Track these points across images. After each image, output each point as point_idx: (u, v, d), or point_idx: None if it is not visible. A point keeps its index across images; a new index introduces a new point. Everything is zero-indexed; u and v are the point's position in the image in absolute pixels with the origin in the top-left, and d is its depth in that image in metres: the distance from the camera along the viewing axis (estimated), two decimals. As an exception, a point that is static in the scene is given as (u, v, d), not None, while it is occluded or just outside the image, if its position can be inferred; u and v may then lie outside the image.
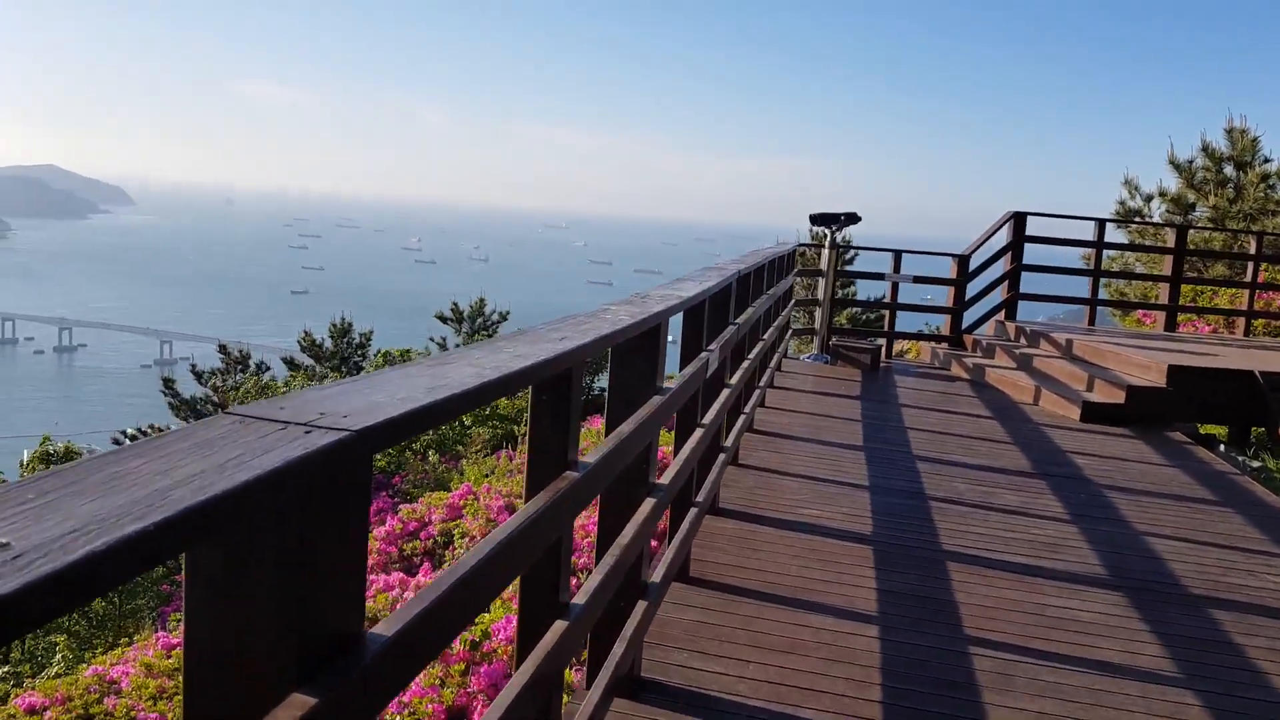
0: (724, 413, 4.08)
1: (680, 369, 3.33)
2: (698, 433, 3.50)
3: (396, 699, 3.47)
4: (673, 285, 3.25)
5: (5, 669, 9.43)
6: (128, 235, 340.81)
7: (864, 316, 17.94)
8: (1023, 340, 9.78)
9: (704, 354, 3.43)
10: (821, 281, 9.48)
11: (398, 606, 6.47)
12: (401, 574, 8.22)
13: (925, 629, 3.43)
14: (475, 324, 20.19)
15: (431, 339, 20.24)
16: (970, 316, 10.51)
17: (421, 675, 3.66)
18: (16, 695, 7.57)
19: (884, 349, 9.80)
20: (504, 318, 20.57)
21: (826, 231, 9.03)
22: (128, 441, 12.91)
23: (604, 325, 2.10)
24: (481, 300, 20.35)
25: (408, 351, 18.95)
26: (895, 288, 10.14)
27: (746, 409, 5.35)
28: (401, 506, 10.53)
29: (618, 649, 2.47)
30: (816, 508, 4.68)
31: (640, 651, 2.82)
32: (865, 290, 16.97)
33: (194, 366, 19.57)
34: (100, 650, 10.33)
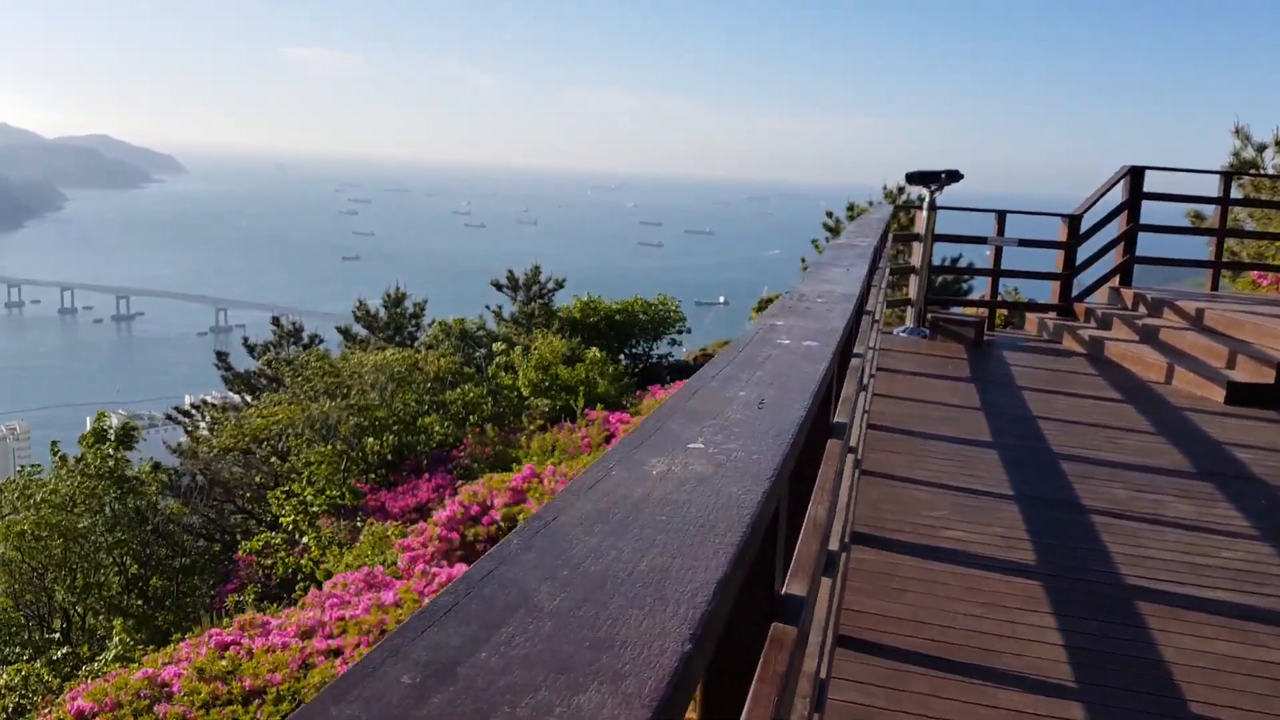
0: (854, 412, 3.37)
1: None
2: (848, 457, 2.80)
3: None
4: (821, 277, 2.53)
5: (65, 649, 9.27)
6: (180, 203, 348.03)
7: (939, 282, 16.91)
8: (1142, 309, 8.79)
9: (855, 359, 2.72)
10: (917, 247, 8.59)
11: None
12: (465, 565, 7.72)
13: (1138, 705, 2.71)
14: (531, 292, 19.61)
15: (488, 306, 19.74)
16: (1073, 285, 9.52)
17: None
18: (70, 689, 7.31)
19: (987, 321, 8.89)
20: (559, 285, 19.96)
21: (925, 192, 8.13)
22: (181, 417, 12.56)
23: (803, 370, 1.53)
24: (537, 268, 19.74)
25: (463, 320, 18.47)
26: (998, 252, 9.19)
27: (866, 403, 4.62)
28: (462, 487, 10.04)
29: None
30: (960, 527, 3.94)
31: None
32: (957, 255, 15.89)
33: (246, 339, 19.36)
34: (160, 625, 10.13)
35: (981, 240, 9.13)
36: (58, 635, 9.96)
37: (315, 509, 10.92)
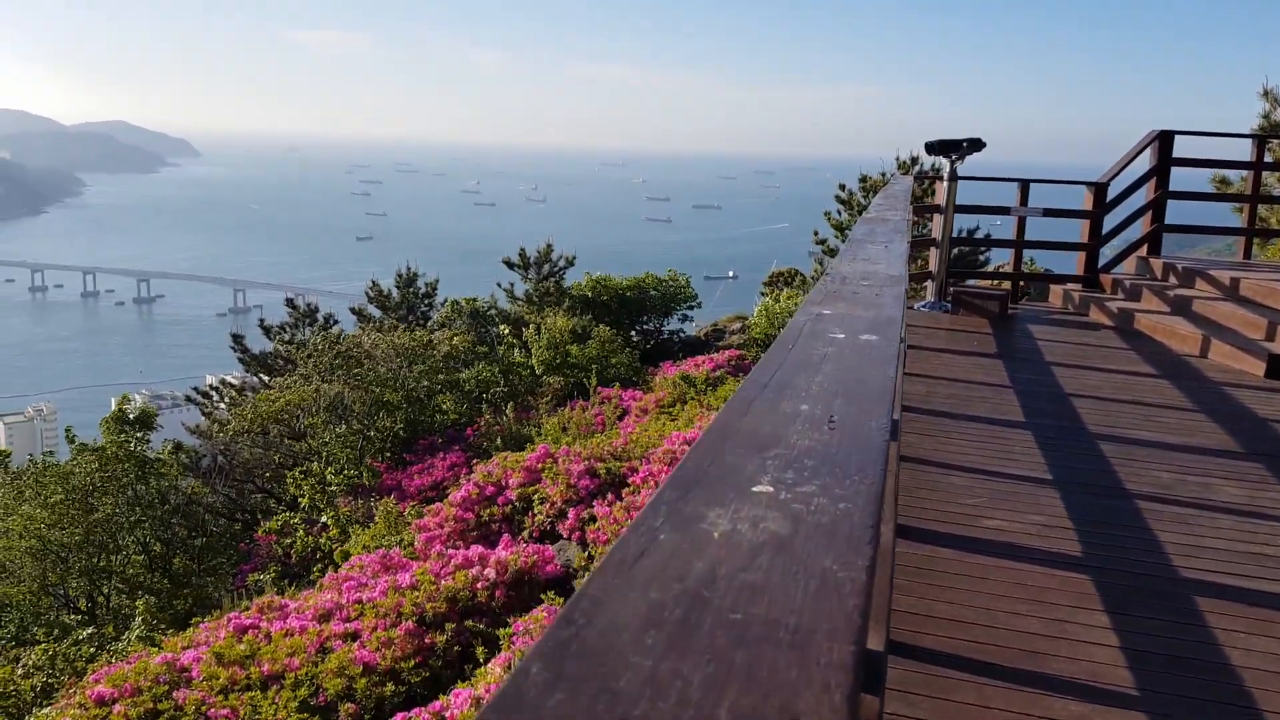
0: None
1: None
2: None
3: None
4: (859, 255, 2.32)
5: (90, 630, 9.32)
6: (196, 187, 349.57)
7: (955, 253, 16.57)
8: (1173, 279, 8.47)
9: (899, 344, 2.50)
10: (938, 218, 8.29)
11: (479, 585, 5.64)
12: (480, 546, 7.59)
13: (1206, 716, 2.49)
14: (543, 270, 19.43)
15: (499, 284, 19.60)
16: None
17: None
18: (93, 670, 7.30)
19: (1010, 294, 8.58)
20: (570, 263, 19.77)
21: (944, 161, 7.82)
22: (200, 399, 12.56)
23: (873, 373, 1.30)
24: (549, 246, 19.54)
25: (474, 299, 18.32)
26: (1021, 222, 8.86)
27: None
28: (477, 466, 9.92)
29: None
30: (999, 515, 3.71)
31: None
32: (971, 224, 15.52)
33: (262, 321, 19.31)
34: (180, 608, 10.16)
35: (1004, 211, 8.81)
36: (83, 616, 10.03)
37: (333, 488, 10.88)
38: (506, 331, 15.97)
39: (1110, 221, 8.97)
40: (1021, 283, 10.34)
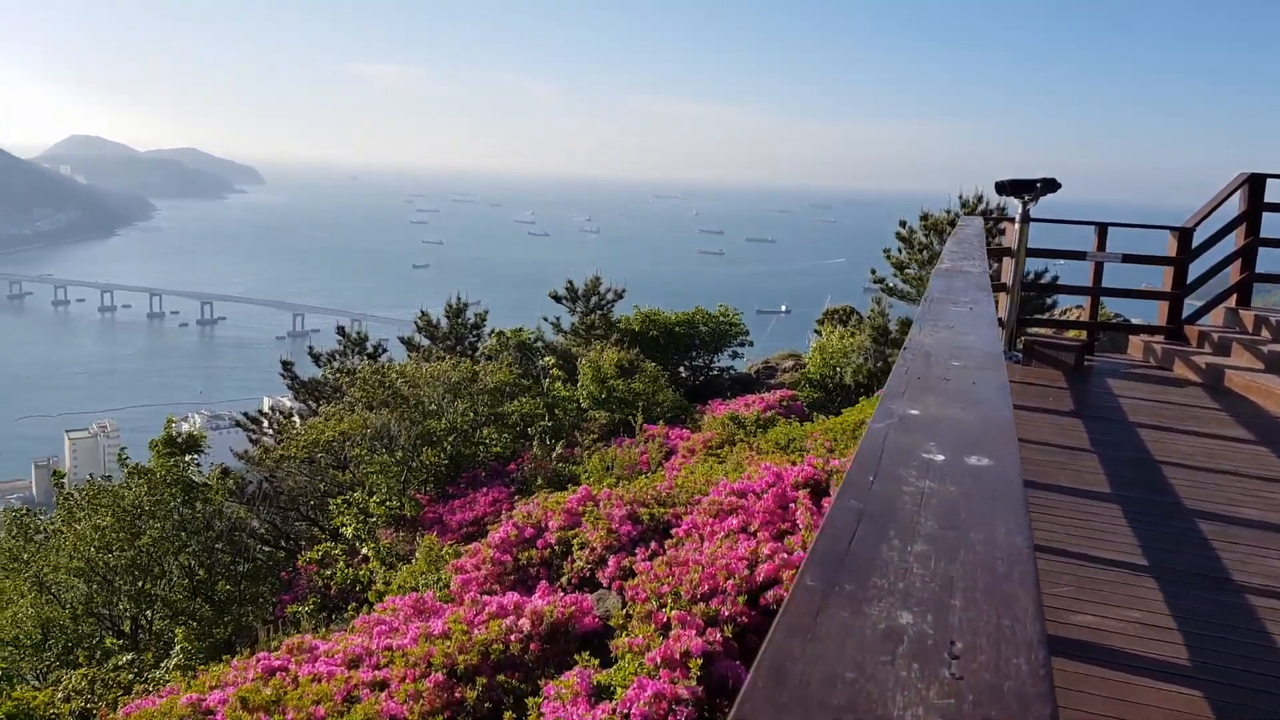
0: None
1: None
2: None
3: None
4: (941, 320, 1.98)
5: (130, 655, 9.29)
6: (261, 213, 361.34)
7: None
8: (1265, 333, 7.85)
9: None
10: (1007, 262, 7.84)
11: (513, 637, 5.30)
12: (516, 593, 7.28)
13: None
14: (590, 302, 19.29)
15: (545, 318, 19.51)
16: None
17: None
18: (124, 704, 7.20)
19: (1087, 345, 8.02)
20: (619, 296, 19.61)
21: (1018, 202, 7.36)
22: (249, 424, 12.63)
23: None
24: (596, 278, 19.41)
25: (520, 331, 18.23)
26: (1098, 268, 8.32)
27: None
28: (517, 507, 9.68)
29: None
30: (1090, 610, 3.25)
31: None
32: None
33: (311, 349, 19.48)
34: (220, 636, 10.09)
35: (1080, 255, 8.29)
36: (123, 641, 10.03)
37: (375, 519, 10.76)
38: (553, 363, 15.81)
39: (1196, 269, 8.38)
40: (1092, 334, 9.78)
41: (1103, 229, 8.11)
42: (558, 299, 19.62)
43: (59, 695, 7.74)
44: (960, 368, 1.62)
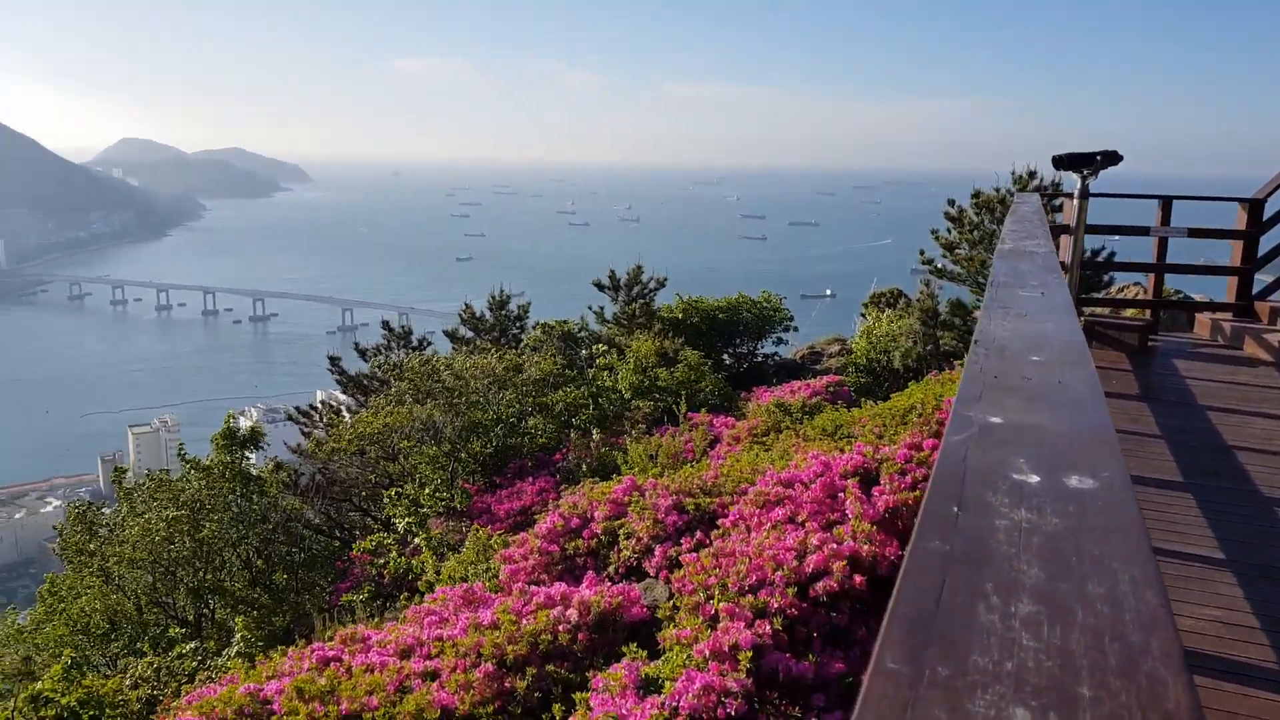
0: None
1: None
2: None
3: None
4: (1012, 307, 1.89)
5: (194, 644, 9.54)
6: (307, 211, 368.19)
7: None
8: (1340, 309, 7.50)
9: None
10: (1065, 240, 7.57)
11: (560, 628, 5.34)
12: (564, 583, 7.31)
13: None
14: (632, 292, 19.26)
15: (589, 307, 19.54)
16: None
17: None
18: (186, 692, 7.40)
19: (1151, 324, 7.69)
20: (661, 284, 19.55)
21: (1076, 177, 7.07)
22: (301, 418, 12.93)
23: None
24: (638, 268, 19.37)
25: (565, 322, 18.27)
26: (1162, 243, 7.97)
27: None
28: (564, 496, 9.72)
29: None
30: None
31: None
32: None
33: (357, 344, 19.76)
34: (279, 624, 10.33)
35: (1143, 231, 7.94)
36: (186, 630, 10.32)
37: (426, 510, 10.92)
38: (602, 350, 15.83)
39: (1268, 243, 7.99)
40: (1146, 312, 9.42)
41: (1166, 202, 7.77)
42: (600, 288, 19.64)
43: (126, 683, 7.97)
44: (1041, 363, 1.50)
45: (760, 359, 19.14)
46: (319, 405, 19.96)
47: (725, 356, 18.77)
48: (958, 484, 0.96)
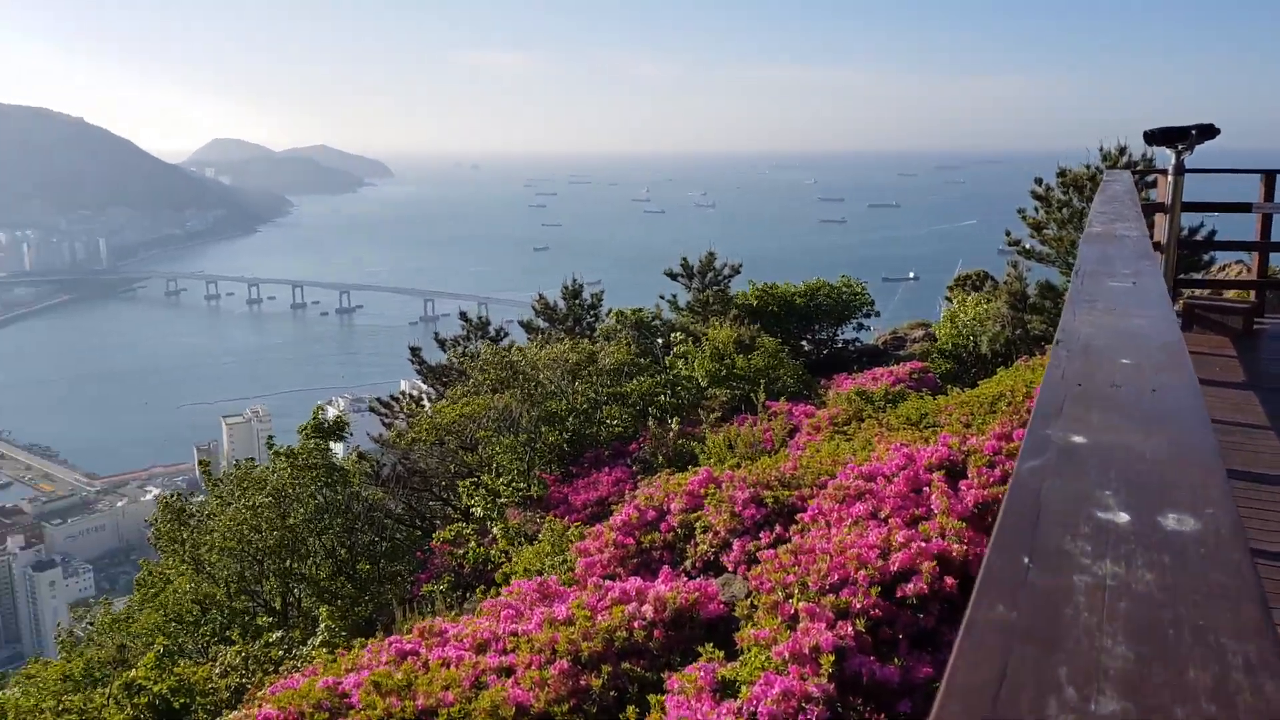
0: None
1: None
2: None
3: None
4: (1099, 300, 1.63)
5: (280, 633, 9.77)
6: (390, 205, 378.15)
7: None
8: None
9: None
10: (1160, 219, 7.03)
11: (636, 624, 5.17)
12: (639, 578, 7.18)
13: None
14: (706, 279, 19.00)
15: (662, 296, 19.37)
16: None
17: None
18: (269, 683, 7.55)
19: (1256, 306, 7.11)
20: (736, 271, 19.22)
21: (1170, 153, 6.54)
22: (382, 409, 13.16)
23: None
24: (711, 254, 19.08)
25: (639, 310, 18.14)
26: (1267, 220, 7.34)
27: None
28: (639, 487, 9.60)
29: None
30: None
31: None
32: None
33: (437, 334, 20.04)
34: (361, 614, 10.51)
35: (1244, 208, 7.32)
36: (273, 619, 10.57)
37: (504, 500, 10.96)
38: (679, 338, 15.65)
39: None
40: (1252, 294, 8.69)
41: (1270, 176, 7.14)
42: (673, 276, 19.44)
43: (216, 671, 8.15)
44: (1132, 366, 1.25)
45: (841, 345, 18.67)
46: (399, 395, 20.34)
47: (804, 343, 18.35)
48: (1030, 526, 0.77)
